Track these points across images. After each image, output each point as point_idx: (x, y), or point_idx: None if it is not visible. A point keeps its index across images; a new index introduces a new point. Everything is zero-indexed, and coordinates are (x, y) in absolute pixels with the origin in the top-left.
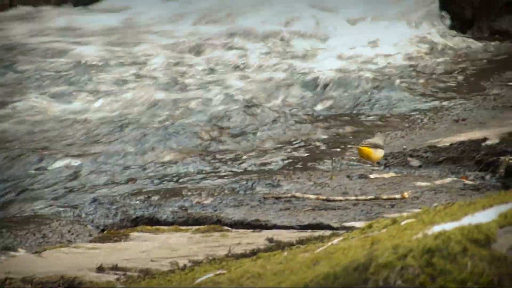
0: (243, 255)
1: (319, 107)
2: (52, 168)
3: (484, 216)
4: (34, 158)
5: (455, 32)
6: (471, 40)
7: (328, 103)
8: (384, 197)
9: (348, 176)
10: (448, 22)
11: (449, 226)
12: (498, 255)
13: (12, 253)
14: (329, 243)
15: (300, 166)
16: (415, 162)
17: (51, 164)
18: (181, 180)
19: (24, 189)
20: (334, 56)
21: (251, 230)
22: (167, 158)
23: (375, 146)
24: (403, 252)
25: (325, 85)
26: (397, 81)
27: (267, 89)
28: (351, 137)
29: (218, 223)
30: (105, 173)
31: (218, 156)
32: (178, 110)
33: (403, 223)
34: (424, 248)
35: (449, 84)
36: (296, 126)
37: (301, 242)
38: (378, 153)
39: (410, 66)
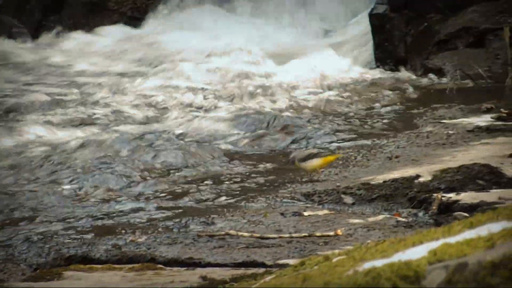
0: None
1: (247, 143)
2: None
3: (415, 253)
4: None
5: (389, 70)
6: (404, 78)
7: (257, 138)
8: (318, 234)
9: (282, 214)
10: (381, 60)
11: (379, 262)
12: None
13: None
14: (262, 281)
15: (234, 204)
16: (348, 199)
17: None
18: (114, 218)
19: None
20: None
21: (185, 268)
22: (101, 196)
23: (310, 157)
24: None
25: (254, 120)
26: (329, 118)
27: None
28: (284, 174)
29: (152, 261)
30: (39, 210)
31: (151, 193)
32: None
33: (334, 260)
34: (354, 285)
35: (382, 121)
36: (227, 163)
37: (234, 279)
38: (314, 162)
39: (342, 103)
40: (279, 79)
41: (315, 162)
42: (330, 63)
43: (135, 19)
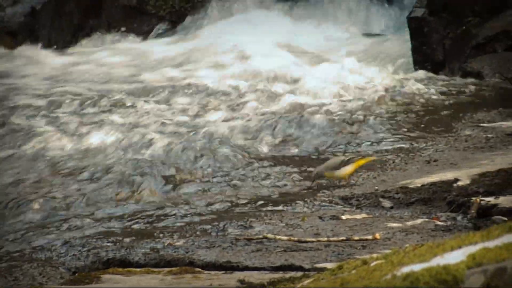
0: None
1: (287, 147)
2: (23, 210)
3: (453, 257)
4: (5, 198)
5: (428, 74)
6: (442, 81)
7: (295, 142)
8: (356, 238)
9: (320, 217)
10: (420, 63)
11: (417, 267)
12: None
13: None
14: (300, 285)
15: (272, 207)
16: (387, 203)
17: (23, 205)
18: (152, 222)
19: None
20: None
21: (223, 271)
22: (139, 199)
23: (342, 164)
24: None
25: (292, 124)
26: (367, 122)
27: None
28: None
29: (190, 265)
30: (78, 213)
31: (189, 196)
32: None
33: (372, 264)
34: None
35: (420, 125)
36: (263, 166)
37: (272, 283)
38: (348, 169)
39: (380, 106)
40: (315, 81)
41: (349, 168)
42: (367, 66)
43: (173, 23)
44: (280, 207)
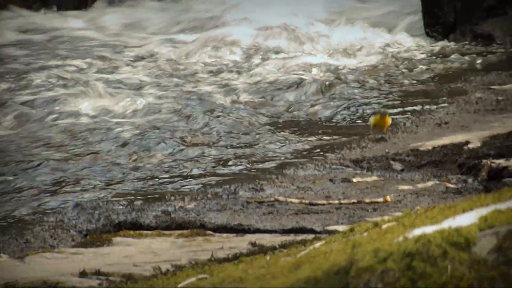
0: (226, 260)
1: (300, 112)
2: (35, 172)
3: (465, 219)
4: (16, 161)
5: (438, 36)
6: (453, 44)
7: (309, 109)
8: (367, 200)
9: (331, 180)
10: (431, 26)
11: (429, 229)
12: (478, 259)
13: None
14: (311, 247)
15: (283, 171)
16: (397, 166)
17: (34, 168)
18: (164, 184)
19: (6, 194)
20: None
21: (234, 234)
22: (151, 161)
23: (382, 114)
24: (383, 256)
25: (304, 89)
26: (379, 85)
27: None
28: (332, 141)
29: (201, 228)
30: (89, 176)
31: (201, 159)
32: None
33: (384, 226)
34: (404, 252)
35: (431, 87)
36: (275, 130)
37: (283, 246)
38: (388, 121)
39: (392, 70)
40: (326, 45)
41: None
42: (378, 30)
43: None
44: (291, 170)
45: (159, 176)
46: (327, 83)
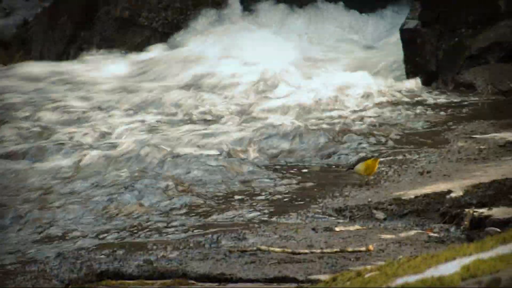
0: None
1: (280, 157)
2: (17, 221)
3: (447, 269)
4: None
5: (420, 85)
6: (435, 93)
7: (289, 154)
8: (350, 249)
9: (313, 229)
10: (412, 74)
11: (412, 278)
12: None
13: None
14: None
15: (265, 219)
16: (380, 215)
17: (16, 217)
18: (146, 234)
19: None
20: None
21: (217, 283)
22: (132, 211)
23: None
24: None
25: (285, 135)
26: (359, 133)
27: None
28: (315, 189)
29: (183, 277)
30: (70, 226)
31: (182, 208)
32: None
33: (367, 275)
34: None
35: (413, 136)
36: (256, 178)
37: None
38: (373, 165)
39: (373, 118)
40: (308, 93)
41: (374, 166)
42: (359, 77)
43: (166, 35)
44: (273, 219)
45: (141, 226)
46: (306, 130)
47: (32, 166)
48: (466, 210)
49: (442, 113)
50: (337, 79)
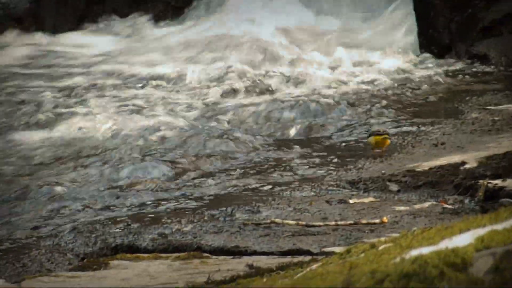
0: (223, 282)
1: (294, 131)
2: (31, 196)
3: (461, 240)
4: (12, 186)
5: (433, 57)
6: (449, 65)
7: (302, 127)
8: (364, 222)
9: (327, 201)
10: (426, 46)
11: (426, 250)
12: (475, 279)
13: None
14: (308, 269)
15: (280, 192)
16: (394, 187)
17: (30, 192)
18: (160, 207)
19: (2, 218)
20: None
21: (231, 256)
22: (147, 184)
23: (381, 133)
24: (380, 277)
25: (298, 109)
26: (373, 105)
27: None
28: (329, 162)
29: (198, 250)
30: (85, 200)
31: (197, 182)
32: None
33: (381, 247)
34: (401, 273)
35: (427, 108)
36: (271, 151)
37: (280, 268)
38: (386, 140)
39: (386, 90)
40: (322, 67)
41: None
42: (372, 50)
43: (178, 9)
44: (287, 192)
45: (155, 199)
46: (319, 104)
47: (44, 137)
48: (480, 181)
49: (455, 85)
50: (345, 52)
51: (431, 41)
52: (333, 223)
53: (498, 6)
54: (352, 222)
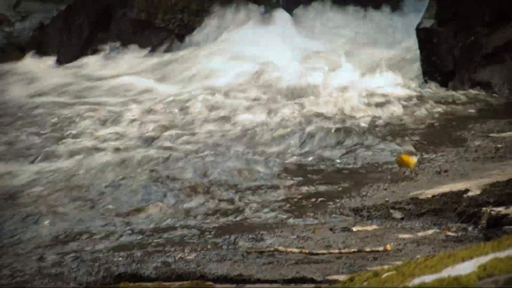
0: None
1: (296, 157)
2: (33, 224)
3: (464, 268)
4: (16, 217)
5: (437, 84)
6: (452, 92)
7: (305, 153)
8: (367, 249)
9: (331, 229)
10: (429, 74)
11: (429, 278)
12: None
13: None
14: None
15: (283, 220)
16: (397, 214)
17: (33, 222)
18: (163, 235)
19: (5, 246)
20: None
21: (235, 285)
22: (150, 213)
23: (411, 153)
24: None
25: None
26: (377, 133)
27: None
28: (332, 189)
29: (201, 279)
30: (88, 228)
31: (199, 210)
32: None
33: (384, 275)
34: None
35: (429, 136)
36: (274, 178)
37: None
38: (414, 159)
39: (390, 118)
40: (325, 91)
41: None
42: (376, 77)
43: (181, 36)
44: (290, 220)
45: (158, 227)
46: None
47: (46, 165)
48: (484, 209)
49: (459, 112)
50: (351, 79)
51: (434, 68)
52: (337, 251)
53: (501, 33)
54: (355, 250)
